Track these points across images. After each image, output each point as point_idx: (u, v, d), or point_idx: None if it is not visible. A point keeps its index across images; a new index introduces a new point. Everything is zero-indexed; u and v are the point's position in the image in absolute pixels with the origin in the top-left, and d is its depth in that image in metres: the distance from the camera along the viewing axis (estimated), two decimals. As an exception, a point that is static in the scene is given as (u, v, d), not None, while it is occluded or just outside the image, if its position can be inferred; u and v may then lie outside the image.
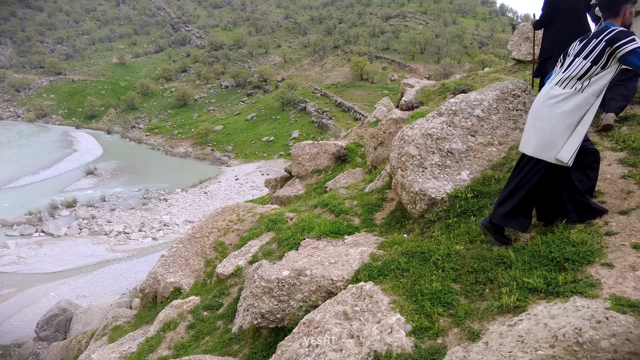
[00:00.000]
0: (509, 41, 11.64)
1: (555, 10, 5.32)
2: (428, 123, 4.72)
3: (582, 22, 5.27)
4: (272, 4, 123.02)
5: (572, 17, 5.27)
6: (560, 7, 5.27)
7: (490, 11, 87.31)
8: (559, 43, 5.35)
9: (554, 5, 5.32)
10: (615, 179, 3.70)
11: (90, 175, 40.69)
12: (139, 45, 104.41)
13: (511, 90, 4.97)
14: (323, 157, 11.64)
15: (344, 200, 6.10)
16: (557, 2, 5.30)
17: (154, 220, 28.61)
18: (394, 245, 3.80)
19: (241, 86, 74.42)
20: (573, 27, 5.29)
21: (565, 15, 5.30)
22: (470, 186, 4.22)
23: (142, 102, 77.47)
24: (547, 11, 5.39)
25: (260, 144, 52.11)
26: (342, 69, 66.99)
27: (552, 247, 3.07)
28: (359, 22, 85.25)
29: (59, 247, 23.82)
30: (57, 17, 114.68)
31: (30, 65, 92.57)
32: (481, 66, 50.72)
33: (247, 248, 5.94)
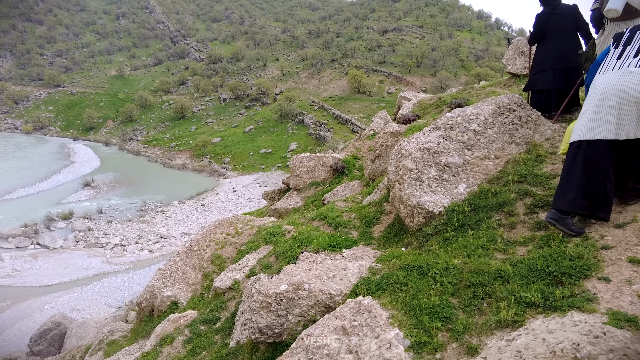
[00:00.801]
0: (504, 55, 11.80)
1: (545, 27, 5.56)
2: (425, 137, 4.77)
3: (571, 39, 5.50)
4: (270, 18, 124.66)
5: (561, 34, 5.47)
6: (550, 24, 5.52)
7: (486, 25, 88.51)
8: (549, 58, 5.57)
9: (544, 23, 5.56)
10: (610, 193, 3.74)
11: (88, 187, 40.56)
12: (137, 58, 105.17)
13: (507, 104, 5.04)
14: (321, 169, 11.68)
15: (342, 213, 6.10)
16: (546, 20, 5.55)
17: (150, 233, 28.45)
18: (392, 259, 3.81)
19: (239, 99, 74.85)
20: (562, 44, 5.49)
21: (554, 32, 5.51)
22: (467, 200, 4.24)
23: (141, 114, 77.72)
24: (538, 28, 5.62)
25: (258, 156, 52.21)
26: (340, 82, 67.56)
27: (549, 260, 3.09)
28: (356, 36, 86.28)
29: (55, 260, 23.61)
30: (57, 30, 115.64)
31: (29, 78, 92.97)
32: (477, 79, 51.28)
33: (245, 261, 5.92)
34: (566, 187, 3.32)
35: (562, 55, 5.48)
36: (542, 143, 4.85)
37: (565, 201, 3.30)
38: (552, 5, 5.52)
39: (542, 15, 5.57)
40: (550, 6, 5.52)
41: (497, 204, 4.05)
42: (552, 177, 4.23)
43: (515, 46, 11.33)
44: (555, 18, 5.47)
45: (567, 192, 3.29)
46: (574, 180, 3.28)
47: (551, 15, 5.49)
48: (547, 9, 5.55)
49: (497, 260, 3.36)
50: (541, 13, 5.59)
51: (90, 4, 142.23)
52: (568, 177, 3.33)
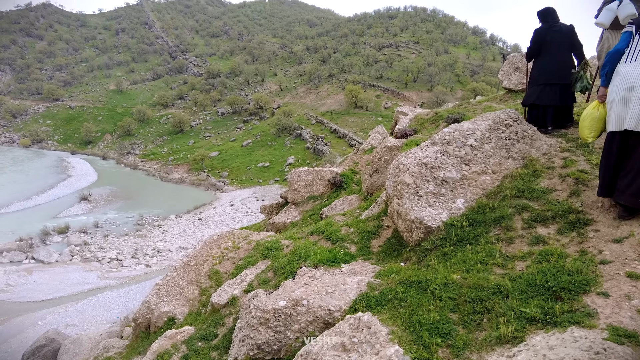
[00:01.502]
0: (499, 71, 11.96)
1: (543, 43, 5.68)
2: (422, 152, 4.80)
3: (566, 57, 5.62)
4: (268, 33, 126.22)
5: (558, 51, 5.60)
6: (547, 40, 5.65)
7: (481, 41, 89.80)
8: (545, 74, 5.67)
9: (541, 39, 5.67)
10: (607, 207, 3.76)
11: (84, 201, 40.36)
12: (136, 73, 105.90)
13: (503, 120, 5.10)
14: (319, 183, 11.70)
15: (340, 228, 6.10)
16: (543, 36, 5.67)
17: (147, 247, 28.23)
18: (391, 274, 3.80)
19: (237, 113, 75.22)
20: (559, 60, 5.61)
21: (551, 48, 5.62)
22: (465, 214, 4.26)
23: (139, 128, 77.90)
24: (536, 43, 5.74)
25: (256, 169, 52.24)
26: (337, 96, 68.11)
27: (547, 276, 3.09)
28: (353, 52, 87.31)
29: (49, 275, 23.32)
30: (57, 45, 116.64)
31: (28, 92, 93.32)
32: (473, 94, 51.81)
33: (243, 277, 5.88)
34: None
35: (558, 71, 5.60)
36: (538, 158, 4.89)
37: None
38: (551, 23, 5.65)
39: (540, 31, 5.70)
40: (549, 23, 5.66)
41: (495, 219, 4.06)
42: (549, 191, 4.26)
43: (510, 62, 11.51)
44: (553, 34, 5.61)
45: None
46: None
47: (549, 32, 5.62)
48: (545, 25, 5.68)
49: (496, 275, 3.37)
50: (540, 29, 5.73)
51: (91, 20, 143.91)
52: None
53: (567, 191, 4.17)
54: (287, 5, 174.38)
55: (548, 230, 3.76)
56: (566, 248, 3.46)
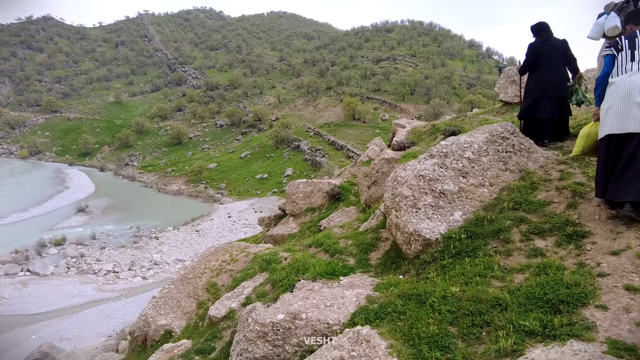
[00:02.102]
0: (496, 83, 12.11)
1: (538, 57, 5.76)
2: (420, 164, 4.83)
3: (561, 70, 5.70)
4: (267, 47, 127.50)
5: (553, 65, 5.68)
6: (541, 54, 5.73)
7: (477, 54, 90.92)
8: (541, 87, 5.73)
9: (536, 53, 5.76)
10: (604, 220, 3.79)
11: (81, 212, 40.19)
12: (135, 85, 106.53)
13: (500, 132, 5.15)
14: (317, 195, 11.70)
15: (338, 240, 6.09)
16: (538, 50, 5.76)
17: (144, 259, 28.04)
18: (390, 287, 3.79)
19: (236, 125, 75.53)
20: (554, 74, 5.69)
21: (546, 62, 5.70)
22: (463, 227, 4.27)
23: (137, 140, 78.01)
24: (530, 57, 5.82)
25: (254, 181, 52.24)
26: (335, 109, 68.57)
27: (546, 288, 3.10)
28: (351, 65, 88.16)
29: (44, 287, 23.09)
30: (56, 58, 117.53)
31: (27, 104, 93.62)
32: (470, 106, 52.22)
33: (240, 289, 5.84)
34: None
35: (554, 84, 5.68)
36: (535, 170, 4.93)
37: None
38: (545, 37, 5.75)
39: (535, 45, 5.79)
40: (543, 37, 5.76)
41: (493, 231, 4.08)
42: (546, 204, 4.28)
43: (506, 75, 11.65)
44: (547, 49, 5.70)
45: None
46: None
47: (544, 46, 5.72)
48: (539, 39, 5.78)
49: (494, 288, 3.37)
50: (534, 43, 5.81)
51: (91, 33, 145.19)
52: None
53: (564, 203, 4.20)
54: (285, 19, 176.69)
55: (546, 243, 3.77)
56: (564, 260, 3.47)
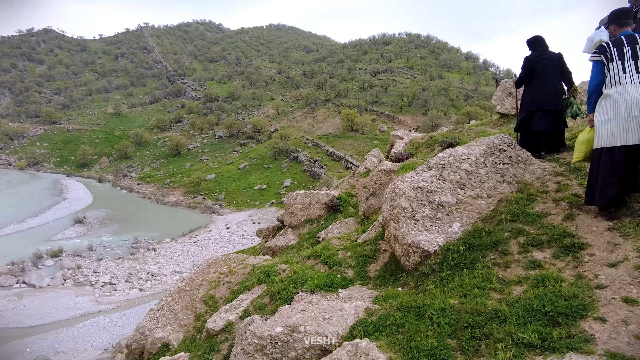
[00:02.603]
0: (493, 96, 12.23)
1: (533, 70, 5.83)
2: (418, 176, 4.86)
3: (555, 82, 5.78)
4: (265, 59, 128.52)
5: (548, 78, 5.76)
6: (537, 67, 5.81)
7: (474, 66, 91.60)
8: (537, 100, 5.80)
9: (531, 66, 5.84)
10: (601, 232, 3.80)
11: (79, 223, 39.97)
12: (134, 96, 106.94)
13: (497, 145, 5.19)
14: (315, 206, 11.70)
15: (337, 251, 6.08)
16: (534, 63, 5.84)
17: (141, 271, 27.83)
18: (389, 299, 3.78)
19: (235, 136, 75.70)
20: (549, 87, 5.76)
21: (541, 75, 5.78)
22: (461, 239, 4.28)
23: (136, 151, 78.04)
24: (526, 70, 5.91)
25: (253, 192, 52.18)
26: (333, 120, 68.87)
27: (544, 300, 3.10)
28: (349, 77, 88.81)
29: (40, 299, 22.84)
30: (56, 70, 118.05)
31: (26, 115, 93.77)
32: (467, 118, 52.52)
33: (238, 302, 5.81)
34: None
35: (549, 97, 5.75)
36: (532, 182, 4.96)
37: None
38: (540, 50, 5.86)
39: (530, 59, 5.88)
40: (538, 51, 5.86)
41: (491, 243, 4.09)
42: (543, 215, 4.30)
43: (503, 87, 11.78)
44: (543, 62, 5.79)
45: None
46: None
47: (539, 59, 5.80)
48: (535, 53, 5.88)
49: (493, 300, 3.37)
50: (530, 56, 5.91)
51: (91, 45, 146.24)
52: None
53: (561, 215, 4.22)
54: (284, 31, 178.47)
55: (544, 255, 3.78)
56: (562, 272, 3.48)
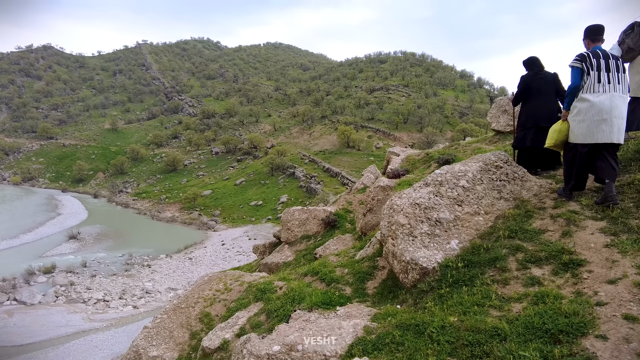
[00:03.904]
0: (488, 113, 12.38)
1: (529, 89, 6.00)
2: (416, 193, 4.87)
3: (550, 100, 5.93)
4: (263, 76, 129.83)
5: (544, 96, 5.88)
6: (532, 87, 5.96)
7: (469, 84, 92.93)
8: (532, 117, 5.93)
9: (527, 85, 6.00)
10: (599, 248, 3.80)
11: (73, 239, 39.54)
12: (132, 112, 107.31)
13: (493, 162, 5.23)
14: (312, 222, 11.66)
15: (334, 268, 6.04)
16: (529, 82, 5.99)
17: (135, 287, 27.42)
18: (388, 317, 3.74)
19: (231, 152, 75.85)
20: (545, 104, 5.86)
21: (537, 94, 5.92)
22: (460, 255, 4.26)
23: (132, 166, 77.91)
24: (523, 89, 6.07)
25: (249, 208, 52.01)
26: (330, 137, 69.28)
27: (545, 318, 3.08)
28: (345, 95, 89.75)
29: (31, 317, 22.38)
30: (54, 86, 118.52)
31: (22, 130, 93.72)
32: (462, 135, 53.04)
33: (235, 320, 5.73)
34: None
35: (544, 115, 5.85)
36: (529, 199, 4.98)
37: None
38: (536, 70, 6.05)
39: (526, 78, 6.06)
40: (534, 70, 6.06)
41: (490, 260, 4.07)
42: (541, 232, 4.31)
43: (498, 105, 11.93)
44: (538, 81, 5.96)
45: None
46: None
47: (535, 78, 5.98)
48: (531, 72, 6.07)
49: (493, 317, 3.34)
50: (526, 75, 6.09)
51: (90, 61, 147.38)
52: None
53: (559, 232, 4.23)
54: (281, 50, 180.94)
55: (542, 271, 3.77)
56: (561, 289, 3.46)
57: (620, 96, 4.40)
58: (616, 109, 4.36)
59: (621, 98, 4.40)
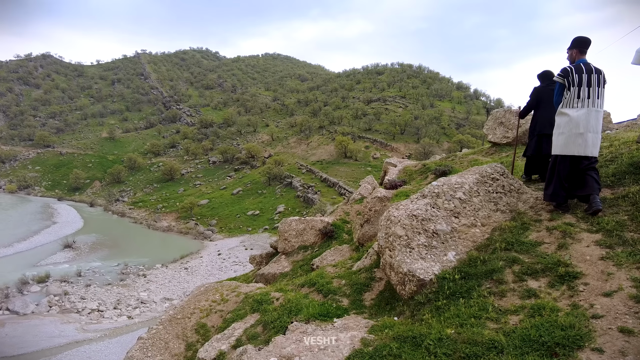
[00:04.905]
0: (484, 125, 12.48)
1: (540, 99, 6.54)
2: (413, 204, 4.90)
3: (553, 110, 6.24)
4: (261, 87, 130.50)
5: (550, 105, 6.27)
6: (544, 97, 6.47)
7: (465, 95, 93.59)
8: (539, 125, 6.40)
9: (539, 95, 6.54)
10: (594, 261, 3.83)
11: (68, 248, 39.21)
12: (129, 121, 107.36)
13: (490, 174, 5.27)
14: (310, 233, 11.65)
15: (332, 280, 6.03)
16: (541, 93, 6.54)
17: (130, 297, 27.16)
18: (385, 329, 3.73)
19: (229, 162, 75.84)
20: (550, 113, 6.26)
21: (547, 104, 6.38)
22: (457, 267, 4.28)
23: (129, 175, 77.70)
24: (533, 99, 6.62)
25: (245, 218, 51.85)
26: (327, 147, 69.49)
27: (541, 330, 3.08)
28: (343, 105, 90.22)
29: (23, 327, 22.08)
30: (53, 94, 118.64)
31: (19, 138, 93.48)
32: (459, 146, 53.31)
33: (231, 331, 5.69)
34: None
35: (551, 123, 6.24)
36: (526, 211, 5.02)
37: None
38: (547, 82, 6.49)
39: (539, 89, 6.56)
40: (546, 82, 6.51)
41: (487, 272, 4.09)
42: (537, 244, 4.33)
43: (494, 117, 12.04)
44: (549, 92, 6.34)
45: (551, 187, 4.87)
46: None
47: (546, 89, 6.43)
48: (543, 84, 6.56)
49: (489, 329, 3.34)
50: (538, 87, 6.60)
51: (88, 70, 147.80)
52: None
53: (555, 244, 4.25)
54: (279, 60, 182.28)
55: (539, 284, 3.79)
56: (558, 302, 3.48)
57: (596, 111, 4.62)
58: (591, 123, 4.60)
59: (597, 113, 4.63)
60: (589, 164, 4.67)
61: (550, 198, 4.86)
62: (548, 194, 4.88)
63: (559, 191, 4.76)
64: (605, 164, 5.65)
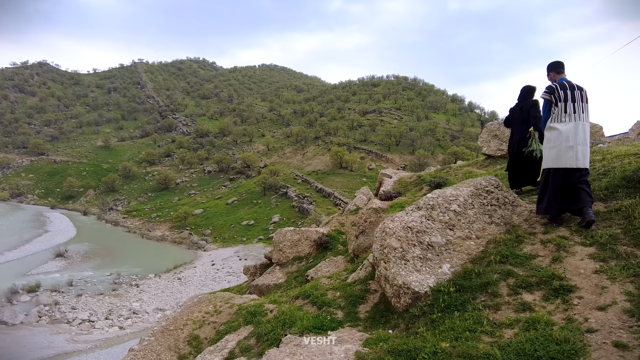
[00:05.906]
0: (479, 137, 12.58)
1: (511, 119, 6.78)
2: (408, 216, 4.90)
3: (522, 130, 6.62)
4: (257, 97, 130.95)
5: (517, 125, 6.68)
6: (514, 117, 6.71)
7: (460, 108, 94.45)
8: (511, 143, 6.68)
9: (512, 115, 6.77)
10: (588, 274, 3.84)
11: (60, 257, 38.68)
12: (125, 130, 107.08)
13: (484, 186, 5.30)
14: (304, 244, 11.59)
15: (326, 291, 5.99)
16: (512, 113, 6.75)
17: (122, 308, 26.78)
18: (380, 342, 3.71)
19: (224, 171, 75.69)
20: (517, 132, 6.67)
21: (516, 122, 6.68)
22: (452, 280, 4.27)
23: (123, 184, 77.24)
24: (507, 119, 6.89)
25: (240, 227, 51.59)
26: (323, 157, 69.63)
27: (536, 344, 3.07)
28: (339, 116, 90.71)
29: (11, 338, 21.64)
30: (48, 102, 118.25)
31: (13, 145, 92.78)
32: (454, 158, 53.63)
33: (224, 343, 5.62)
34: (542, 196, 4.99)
35: (515, 141, 6.67)
36: (520, 224, 5.04)
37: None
38: (519, 101, 6.72)
39: (512, 108, 6.80)
40: (519, 101, 6.71)
41: (481, 285, 4.08)
42: (532, 257, 4.34)
43: (488, 129, 12.15)
44: (518, 111, 6.66)
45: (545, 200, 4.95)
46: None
47: (516, 109, 6.70)
48: (517, 103, 6.75)
49: (484, 343, 3.32)
50: (513, 106, 6.81)
51: (84, 79, 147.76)
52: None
53: (549, 257, 4.26)
54: (276, 71, 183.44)
55: (533, 297, 3.78)
56: (552, 315, 3.47)
57: (583, 124, 4.84)
58: (580, 136, 4.81)
59: (584, 126, 4.85)
60: (580, 177, 4.79)
61: (544, 211, 4.93)
62: (542, 207, 4.95)
63: (553, 204, 4.83)
64: (598, 177, 5.70)
